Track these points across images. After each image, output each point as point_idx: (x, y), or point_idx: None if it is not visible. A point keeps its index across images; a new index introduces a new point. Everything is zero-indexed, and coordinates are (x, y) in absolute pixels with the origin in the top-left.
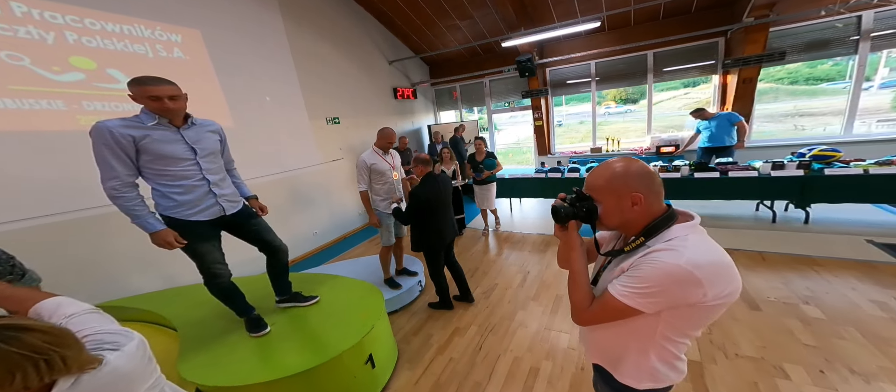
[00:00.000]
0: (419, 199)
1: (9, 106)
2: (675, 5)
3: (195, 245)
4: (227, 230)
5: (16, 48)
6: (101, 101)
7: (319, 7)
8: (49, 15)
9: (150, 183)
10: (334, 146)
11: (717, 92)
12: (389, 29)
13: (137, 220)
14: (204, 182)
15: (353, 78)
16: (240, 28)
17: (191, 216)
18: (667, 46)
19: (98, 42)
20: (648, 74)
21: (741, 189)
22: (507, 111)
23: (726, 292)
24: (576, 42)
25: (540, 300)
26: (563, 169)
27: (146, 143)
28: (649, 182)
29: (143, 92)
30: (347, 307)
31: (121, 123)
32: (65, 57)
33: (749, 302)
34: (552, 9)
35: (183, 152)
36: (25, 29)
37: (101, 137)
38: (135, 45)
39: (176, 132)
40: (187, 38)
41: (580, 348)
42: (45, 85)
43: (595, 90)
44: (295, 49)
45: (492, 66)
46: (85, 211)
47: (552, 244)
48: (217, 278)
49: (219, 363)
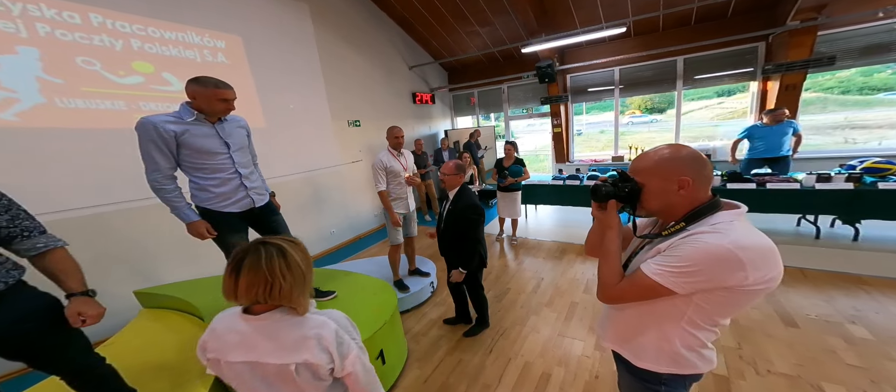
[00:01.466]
0: (480, 213)
1: (79, 106)
2: (709, 9)
3: (225, 236)
4: (251, 224)
5: (90, 54)
6: (156, 102)
7: (347, 13)
8: (120, 24)
9: (189, 175)
10: (354, 148)
11: (755, 100)
12: (410, 34)
13: (176, 211)
14: (236, 175)
15: (375, 82)
16: (275, 34)
17: (224, 207)
18: (699, 52)
19: (157, 48)
20: (677, 81)
21: (780, 202)
22: (524, 118)
23: (768, 277)
24: (599, 48)
25: (554, 306)
26: (581, 176)
27: (186, 138)
28: (700, 167)
29: (215, 94)
30: (361, 303)
31: (164, 119)
32: (129, 62)
33: (785, 318)
34: (574, 14)
35: (218, 146)
36: (100, 37)
37: (147, 132)
38: (187, 51)
39: (211, 127)
40: (230, 44)
41: (595, 356)
42: (111, 87)
43: (618, 97)
44: (322, 53)
45: (510, 72)
46: (131, 203)
47: (568, 252)
48: None
49: None
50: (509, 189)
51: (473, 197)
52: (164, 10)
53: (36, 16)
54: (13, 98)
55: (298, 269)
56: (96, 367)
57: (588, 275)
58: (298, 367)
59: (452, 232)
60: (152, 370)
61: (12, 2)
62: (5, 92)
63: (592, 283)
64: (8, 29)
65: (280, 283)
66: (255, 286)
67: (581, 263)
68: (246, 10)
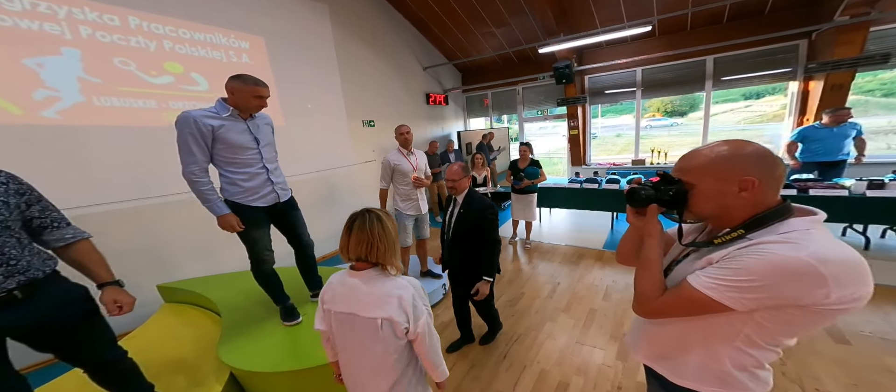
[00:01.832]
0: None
1: (115, 104)
2: (743, 6)
3: (250, 230)
4: (273, 219)
5: (127, 55)
6: (184, 101)
7: (364, 14)
8: (154, 26)
9: (220, 169)
10: (368, 148)
11: (795, 101)
12: (425, 35)
13: (208, 204)
14: (264, 170)
15: (389, 82)
16: (296, 35)
17: (252, 202)
18: (732, 51)
19: (187, 49)
20: (706, 82)
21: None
22: (537, 120)
23: (856, 296)
24: (620, 48)
25: (571, 312)
26: (599, 180)
27: (221, 132)
28: (770, 166)
29: (252, 91)
30: None
31: (203, 113)
32: (161, 62)
33: (834, 335)
34: (595, 14)
35: (249, 142)
36: (136, 39)
37: (188, 126)
38: (214, 51)
39: (243, 123)
40: (253, 45)
41: (617, 366)
42: (144, 86)
43: (639, 99)
44: (339, 53)
45: (525, 74)
46: (159, 198)
47: (585, 257)
48: (263, 264)
49: (253, 349)
50: (525, 191)
51: (484, 198)
52: (197, 12)
53: (80, 19)
54: (55, 97)
55: (391, 236)
56: (120, 362)
57: (607, 281)
58: (383, 321)
59: (469, 240)
60: (170, 365)
61: (59, 5)
62: (49, 91)
63: (612, 291)
64: (54, 31)
65: (377, 244)
66: (360, 244)
67: (599, 269)
68: (270, 10)
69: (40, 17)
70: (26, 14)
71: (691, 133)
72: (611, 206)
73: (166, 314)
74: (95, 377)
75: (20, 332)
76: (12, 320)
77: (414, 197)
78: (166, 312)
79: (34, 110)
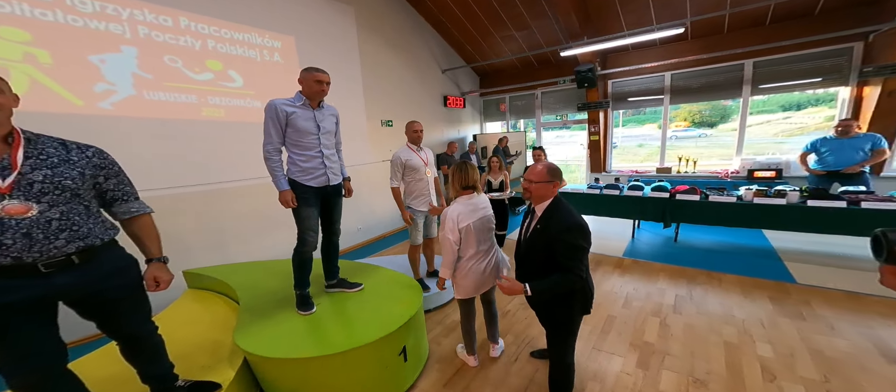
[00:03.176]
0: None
1: (162, 98)
2: (790, 7)
3: (301, 208)
4: (321, 204)
5: (175, 53)
6: (220, 97)
7: (387, 16)
8: (201, 26)
9: (288, 150)
10: (385, 147)
11: (846, 107)
12: (445, 38)
13: (275, 179)
14: (320, 154)
15: (408, 84)
16: (323, 35)
17: (307, 181)
18: (775, 54)
19: (227, 48)
20: (744, 87)
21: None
22: (555, 126)
23: None
24: (648, 51)
25: (587, 318)
26: (621, 186)
27: (293, 119)
28: None
29: (313, 77)
30: (387, 298)
31: (283, 102)
32: (203, 60)
33: (887, 353)
34: (622, 17)
35: (312, 128)
36: (185, 38)
37: (271, 111)
38: (250, 50)
39: (311, 112)
40: (285, 44)
41: (637, 374)
42: (188, 82)
43: (668, 104)
44: (362, 54)
45: (544, 77)
46: (191, 187)
47: (603, 263)
48: (306, 245)
49: (268, 336)
50: None
51: (572, 215)
52: (238, 13)
53: (139, 19)
54: (112, 90)
55: (476, 171)
56: (152, 335)
57: (627, 289)
58: (488, 217)
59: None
60: (189, 348)
61: (123, 7)
62: (106, 85)
63: (633, 298)
64: (117, 30)
65: (476, 176)
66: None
67: (619, 276)
68: (300, 12)
69: (107, 18)
70: (96, 15)
71: (721, 145)
72: (632, 213)
73: (189, 299)
74: (127, 349)
75: (73, 297)
76: (67, 284)
77: (426, 193)
78: (189, 298)
79: (93, 102)
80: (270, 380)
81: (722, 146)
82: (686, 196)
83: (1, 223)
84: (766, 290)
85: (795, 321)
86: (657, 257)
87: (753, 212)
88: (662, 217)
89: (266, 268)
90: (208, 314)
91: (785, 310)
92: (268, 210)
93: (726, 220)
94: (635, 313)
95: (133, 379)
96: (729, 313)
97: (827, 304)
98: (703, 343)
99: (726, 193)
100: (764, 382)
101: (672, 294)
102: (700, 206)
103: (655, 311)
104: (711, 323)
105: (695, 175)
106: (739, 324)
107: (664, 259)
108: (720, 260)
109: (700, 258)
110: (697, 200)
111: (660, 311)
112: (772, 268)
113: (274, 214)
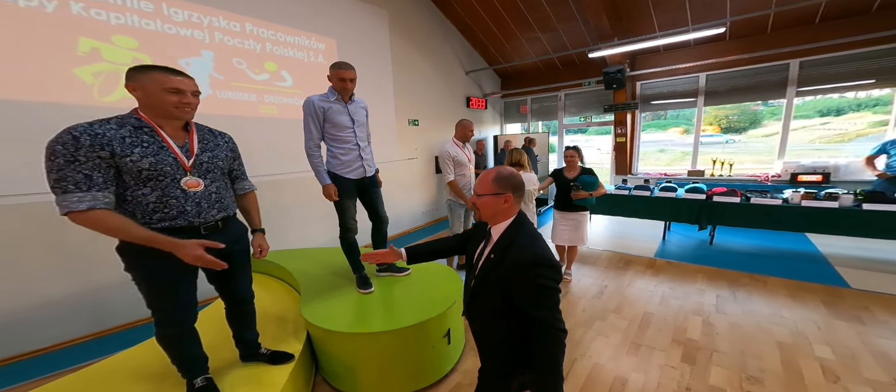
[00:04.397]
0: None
1: (229, 97)
2: (843, 4)
3: (343, 200)
4: (360, 194)
5: (241, 56)
6: (274, 96)
7: (417, 20)
8: (261, 31)
9: (327, 145)
10: (411, 146)
11: None
12: (470, 40)
13: (318, 174)
14: (356, 147)
15: (434, 84)
16: (360, 38)
17: (346, 173)
18: (824, 53)
19: (281, 51)
20: (788, 88)
21: None
22: (581, 126)
23: None
24: (680, 52)
25: (622, 314)
26: (652, 187)
27: (329, 114)
28: None
29: (336, 74)
30: (431, 284)
31: (318, 98)
32: (262, 62)
33: None
34: (654, 18)
35: (347, 122)
36: (249, 42)
37: (309, 108)
38: (299, 52)
39: (344, 106)
40: (328, 46)
41: (683, 368)
42: (250, 82)
43: (701, 106)
44: (394, 56)
45: (567, 79)
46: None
47: (633, 263)
48: (349, 232)
49: (330, 312)
50: (573, 208)
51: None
52: (292, 18)
53: (216, 26)
54: None
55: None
56: (252, 301)
57: (662, 288)
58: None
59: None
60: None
61: (204, 15)
62: None
63: (670, 297)
64: (197, 36)
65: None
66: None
67: (653, 276)
68: (342, 16)
69: (192, 26)
70: (185, 23)
71: (749, 151)
72: (664, 215)
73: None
74: (234, 312)
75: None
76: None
77: (469, 187)
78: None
79: None
80: (330, 354)
81: (751, 152)
82: (725, 198)
83: (184, 194)
84: (816, 293)
85: (854, 325)
86: (692, 259)
87: (800, 215)
88: (697, 219)
89: (313, 255)
90: (269, 295)
91: (841, 313)
92: (310, 202)
93: (770, 223)
94: (674, 311)
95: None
96: (777, 314)
97: (887, 309)
98: (752, 342)
99: (770, 196)
100: (827, 383)
101: (712, 294)
102: (741, 209)
103: (696, 310)
104: (759, 323)
105: (730, 178)
106: (791, 325)
107: (700, 261)
108: (762, 263)
109: (739, 261)
110: (738, 203)
111: (701, 309)
112: (821, 272)
113: (315, 206)
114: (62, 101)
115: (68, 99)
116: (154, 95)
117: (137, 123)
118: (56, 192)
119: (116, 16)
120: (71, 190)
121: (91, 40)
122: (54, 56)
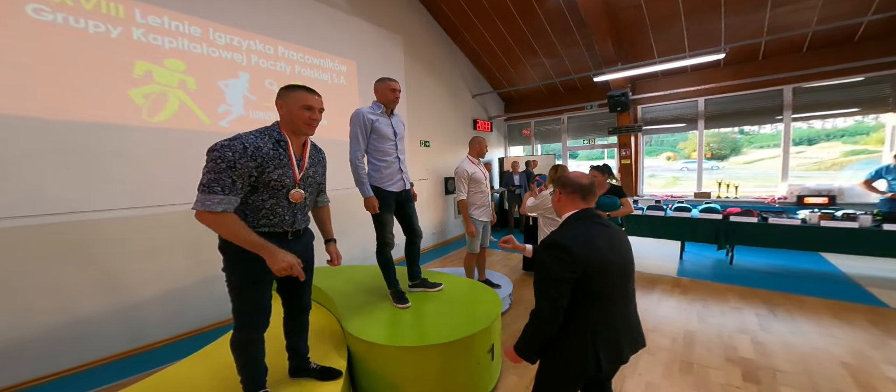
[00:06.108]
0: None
1: (261, 117)
2: (827, 35)
3: (383, 213)
4: (397, 207)
5: (273, 76)
6: None
7: (428, 45)
8: (290, 53)
9: (370, 157)
10: (422, 166)
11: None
12: (476, 65)
13: (360, 185)
14: (397, 159)
15: (444, 107)
16: (378, 61)
17: (388, 186)
18: (816, 80)
19: (308, 72)
20: (784, 112)
21: None
22: (584, 149)
23: None
24: (678, 78)
25: (662, 332)
26: (665, 206)
27: (376, 126)
28: None
29: (387, 86)
30: (471, 298)
31: (367, 110)
32: (291, 82)
33: None
34: (654, 45)
35: (390, 134)
36: (281, 64)
37: (357, 119)
38: (323, 74)
39: (388, 119)
40: (349, 68)
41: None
42: None
43: (702, 129)
44: (407, 79)
45: (570, 102)
46: None
47: (659, 282)
48: (386, 246)
49: (372, 326)
50: None
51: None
52: (318, 41)
53: (253, 49)
54: (229, 110)
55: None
56: (308, 311)
57: (695, 306)
58: None
59: None
60: None
61: (243, 39)
62: (226, 105)
63: (707, 315)
64: (236, 58)
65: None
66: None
67: (681, 295)
68: (362, 39)
69: (233, 49)
70: (226, 47)
71: (733, 177)
72: (679, 234)
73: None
74: (294, 320)
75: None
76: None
77: (486, 203)
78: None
79: (216, 120)
80: (372, 370)
81: (734, 179)
82: (742, 218)
83: (289, 204)
84: (860, 313)
85: None
86: (716, 278)
87: (819, 235)
88: (716, 238)
89: (339, 272)
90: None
91: (894, 334)
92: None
93: (787, 243)
94: (716, 329)
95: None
96: (828, 334)
97: None
98: (815, 362)
99: (787, 216)
100: None
101: (751, 313)
102: (760, 229)
103: (740, 329)
104: (813, 343)
105: (737, 200)
106: (847, 345)
107: (725, 280)
108: (789, 282)
109: (763, 280)
110: (756, 223)
111: (744, 328)
112: (854, 292)
113: (341, 224)
114: (112, 121)
115: (118, 119)
116: (293, 112)
117: (279, 136)
118: (202, 190)
119: (170, 40)
120: (216, 191)
121: (146, 63)
122: (113, 78)
